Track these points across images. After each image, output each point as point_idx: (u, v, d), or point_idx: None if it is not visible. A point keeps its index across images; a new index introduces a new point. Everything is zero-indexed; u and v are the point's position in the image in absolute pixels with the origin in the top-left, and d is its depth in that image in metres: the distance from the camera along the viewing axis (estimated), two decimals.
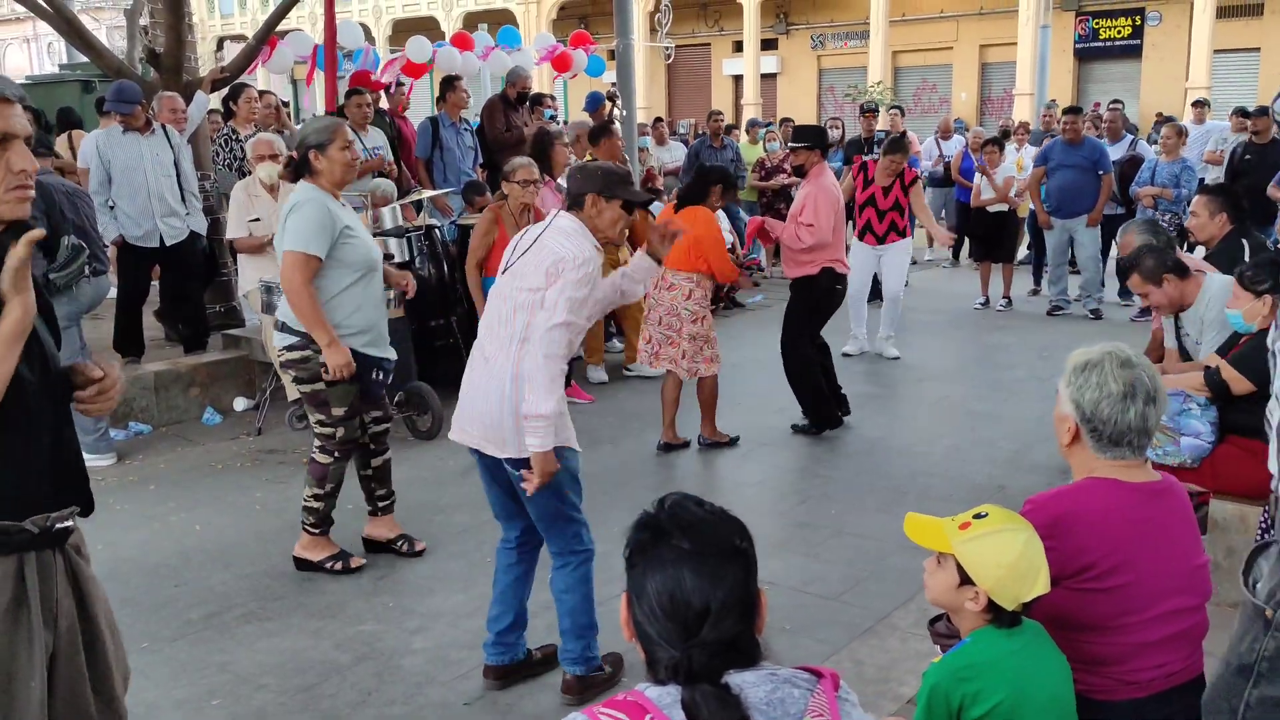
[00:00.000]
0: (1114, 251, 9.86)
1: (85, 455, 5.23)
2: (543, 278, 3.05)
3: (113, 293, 6.55)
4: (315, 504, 4.24)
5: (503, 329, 3.14)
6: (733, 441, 5.84)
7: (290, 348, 4.10)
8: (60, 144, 9.51)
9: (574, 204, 3.21)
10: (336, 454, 4.21)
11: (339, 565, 4.26)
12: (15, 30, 42.34)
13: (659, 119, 12.98)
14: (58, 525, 2.01)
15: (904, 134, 9.77)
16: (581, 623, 3.29)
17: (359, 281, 4.09)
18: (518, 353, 3.08)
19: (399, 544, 4.44)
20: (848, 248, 7.30)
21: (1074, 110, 9.21)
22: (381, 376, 4.30)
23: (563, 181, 6.23)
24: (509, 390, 3.08)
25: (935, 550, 2.01)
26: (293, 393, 5.83)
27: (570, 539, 3.26)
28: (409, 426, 6.01)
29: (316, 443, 4.24)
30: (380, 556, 4.42)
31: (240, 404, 6.63)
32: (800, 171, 6.12)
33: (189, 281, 6.97)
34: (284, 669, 3.53)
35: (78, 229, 5.55)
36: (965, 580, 1.95)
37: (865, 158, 9.63)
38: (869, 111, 10.64)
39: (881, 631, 3.71)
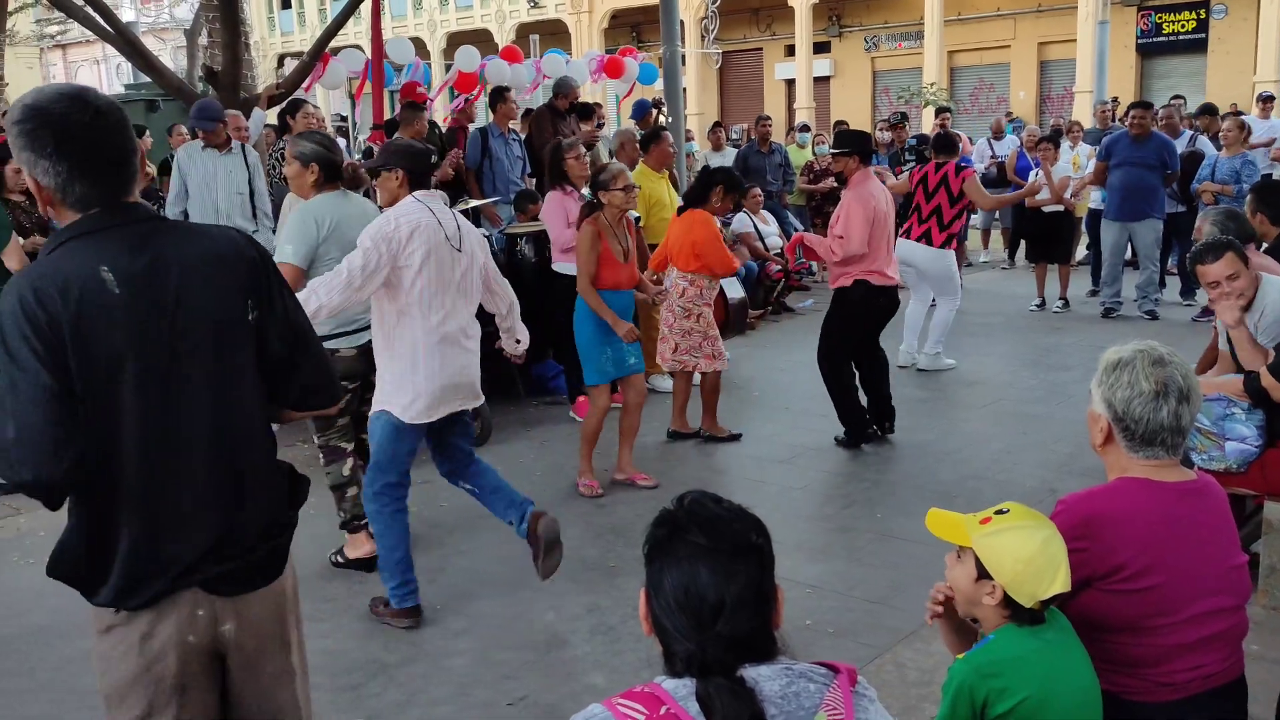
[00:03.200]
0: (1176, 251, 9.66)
1: None
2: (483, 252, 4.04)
3: None
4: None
5: (470, 306, 3.96)
6: (733, 437, 5.97)
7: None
8: None
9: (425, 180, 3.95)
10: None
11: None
12: (86, 52, 43.80)
13: (717, 123, 12.92)
14: None
15: (946, 132, 9.58)
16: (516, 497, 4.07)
17: None
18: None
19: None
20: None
21: (1143, 105, 8.93)
22: None
23: (586, 191, 6.27)
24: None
25: (956, 544, 2.01)
26: None
27: None
28: None
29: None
30: (428, 559, 4.49)
31: None
32: (842, 179, 5.98)
33: None
34: (332, 668, 3.60)
35: None
36: (983, 574, 1.94)
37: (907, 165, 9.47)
38: (897, 125, 10.29)
39: (925, 635, 3.68)
